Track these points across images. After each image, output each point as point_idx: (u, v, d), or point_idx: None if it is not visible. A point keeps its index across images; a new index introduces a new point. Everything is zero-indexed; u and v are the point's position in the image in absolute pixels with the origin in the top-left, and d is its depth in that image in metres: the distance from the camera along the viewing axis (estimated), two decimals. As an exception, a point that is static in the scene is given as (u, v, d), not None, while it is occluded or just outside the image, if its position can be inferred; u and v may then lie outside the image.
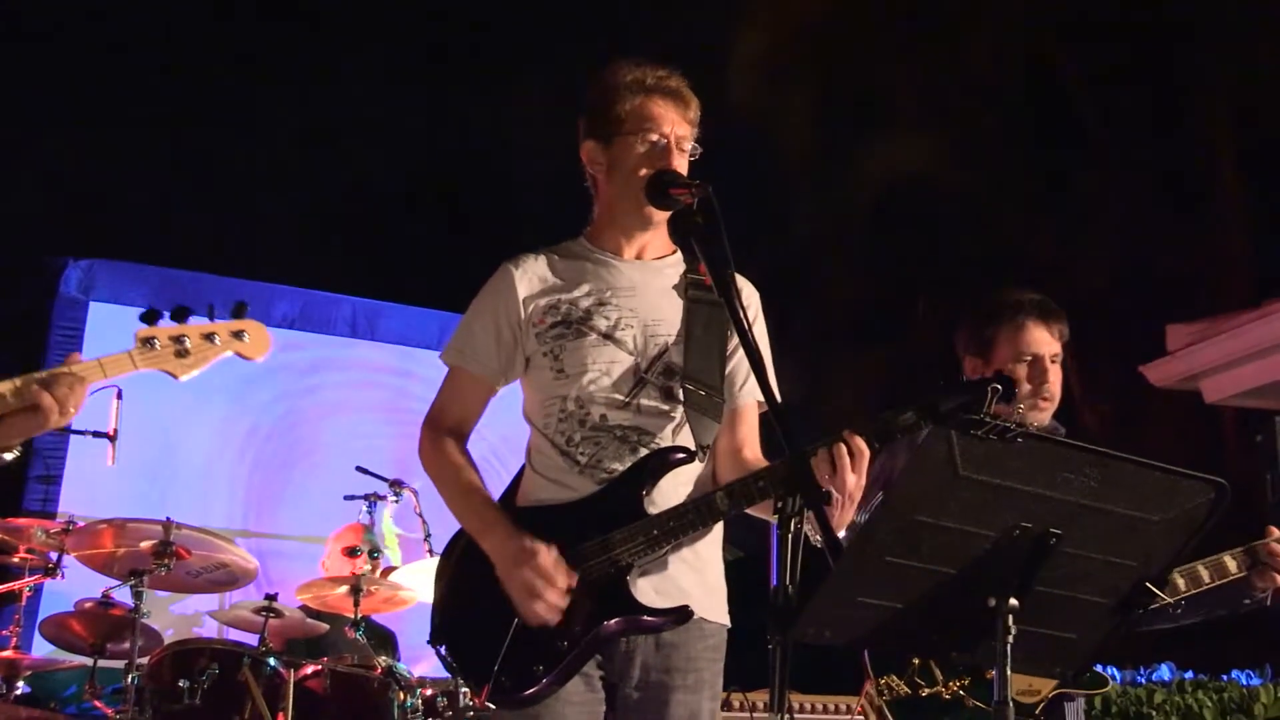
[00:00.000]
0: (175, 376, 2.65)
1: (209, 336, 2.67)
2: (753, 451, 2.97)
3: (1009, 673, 2.15)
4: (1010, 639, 2.16)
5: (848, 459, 2.64)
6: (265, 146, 7.34)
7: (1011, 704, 2.15)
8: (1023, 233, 8.54)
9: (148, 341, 2.60)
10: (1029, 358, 3.45)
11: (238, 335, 2.71)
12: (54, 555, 5.10)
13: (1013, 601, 2.18)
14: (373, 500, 6.16)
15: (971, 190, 8.00)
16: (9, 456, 2.52)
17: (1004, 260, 8.11)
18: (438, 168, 7.58)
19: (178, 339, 2.62)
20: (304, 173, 7.45)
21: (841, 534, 2.64)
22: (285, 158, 7.37)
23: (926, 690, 3.31)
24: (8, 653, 4.95)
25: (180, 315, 2.64)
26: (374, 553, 5.62)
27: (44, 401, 2.45)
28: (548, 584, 2.69)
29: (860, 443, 2.66)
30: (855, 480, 2.65)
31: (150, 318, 2.62)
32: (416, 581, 5.23)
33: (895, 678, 3.31)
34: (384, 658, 4.90)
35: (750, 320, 2.81)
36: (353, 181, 7.58)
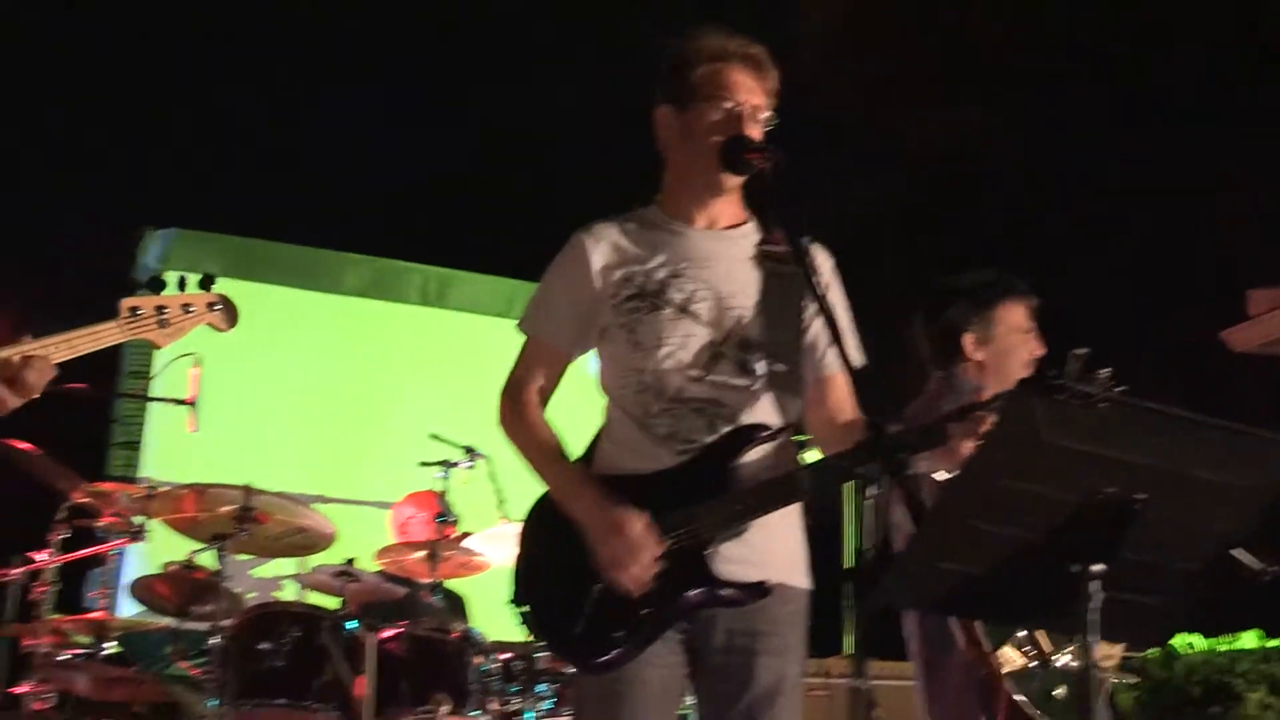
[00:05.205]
0: (156, 345, 2.71)
1: (186, 307, 2.73)
2: (846, 416, 2.92)
3: (1094, 639, 2.15)
4: (1095, 606, 2.15)
5: None
6: (338, 116, 7.39)
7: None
8: (1093, 199, 8.39)
9: (133, 310, 2.66)
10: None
11: (211, 306, 2.77)
12: (138, 520, 5.21)
13: (1098, 568, 2.17)
14: (447, 466, 6.22)
15: (1033, 158, 7.85)
16: None
17: (1073, 229, 7.97)
18: (509, 135, 7.59)
19: (160, 309, 2.69)
20: (376, 142, 7.50)
21: None
22: (358, 127, 7.42)
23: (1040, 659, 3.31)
24: (97, 614, 5.07)
25: (156, 286, 2.72)
26: (451, 519, 5.67)
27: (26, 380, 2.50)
28: (636, 556, 2.71)
29: None
30: None
31: (131, 287, 2.69)
32: (492, 548, 5.28)
33: (1013, 649, 3.32)
34: (461, 622, 4.96)
35: (825, 286, 2.82)
36: (424, 150, 7.62)
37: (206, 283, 2.80)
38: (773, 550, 2.85)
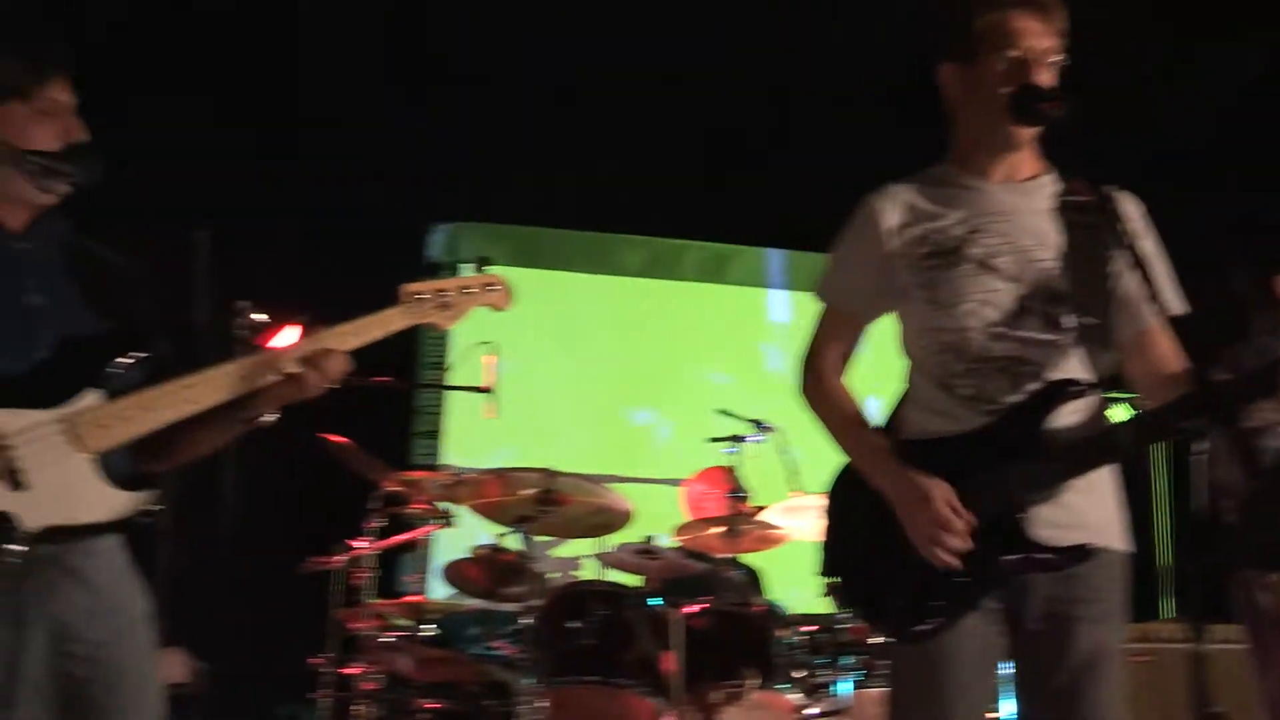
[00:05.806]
0: (439, 327, 2.81)
1: (464, 289, 2.80)
2: (1172, 368, 2.77)
3: None
4: None
5: None
6: (613, 97, 7.42)
7: None
8: None
9: (415, 295, 2.75)
10: None
11: (488, 287, 2.84)
12: (446, 505, 5.41)
13: None
14: (737, 441, 6.22)
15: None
16: (270, 418, 2.69)
17: None
18: (783, 107, 7.49)
19: (440, 292, 2.77)
20: (649, 121, 7.52)
21: None
22: (631, 106, 7.45)
23: None
24: (414, 597, 5.30)
25: (433, 271, 2.81)
26: (744, 494, 5.67)
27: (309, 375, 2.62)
28: (947, 528, 2.64)
29: None
30: None
31: (417, 275, 2.79)
32: (788, 520, 5.26)
33: None
34: (762, 596, 4.96)
35: (1136, 235, 2.70)
36: (696, 127, 7.60)
37: (482, 265, 2.91)
38: (1090, 512, 2.73)
